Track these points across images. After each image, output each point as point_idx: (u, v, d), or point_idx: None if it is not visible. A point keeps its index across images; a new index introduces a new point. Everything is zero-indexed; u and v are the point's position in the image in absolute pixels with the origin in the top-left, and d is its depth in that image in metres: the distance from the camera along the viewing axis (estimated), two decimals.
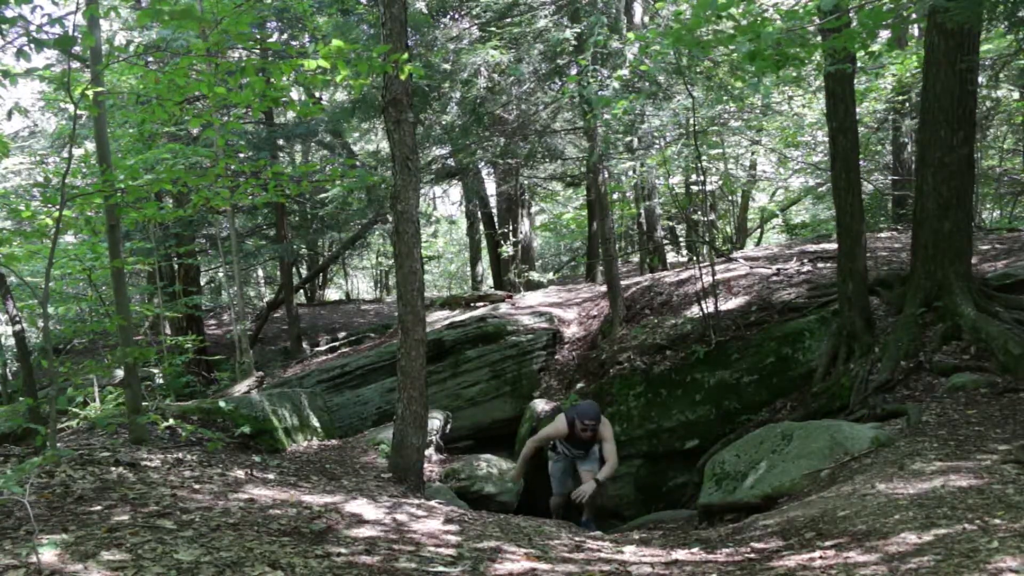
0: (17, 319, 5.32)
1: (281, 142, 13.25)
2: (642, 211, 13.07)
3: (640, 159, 11.32)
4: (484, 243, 17.76)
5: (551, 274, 18.31)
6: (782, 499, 4.59)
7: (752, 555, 3.29)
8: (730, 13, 4.30)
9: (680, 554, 3.55)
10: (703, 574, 3.06)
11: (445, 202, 24.65)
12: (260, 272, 20.16)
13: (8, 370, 10.87)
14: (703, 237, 11.74)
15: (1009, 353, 5.64)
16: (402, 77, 4.75)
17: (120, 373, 8.32)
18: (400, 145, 5.21)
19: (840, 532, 3.30)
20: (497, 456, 7.62)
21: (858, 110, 8.92)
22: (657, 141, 11.86)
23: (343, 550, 2.98)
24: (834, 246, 8.09)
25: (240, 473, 4.59)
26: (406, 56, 4.64)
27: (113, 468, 4.12)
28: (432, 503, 4.73)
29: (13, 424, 5.08)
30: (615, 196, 15.09)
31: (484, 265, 18.57)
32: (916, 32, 11.98)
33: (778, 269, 9.15)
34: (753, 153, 15.44)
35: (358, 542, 3.18)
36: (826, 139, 9.55)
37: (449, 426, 8.17)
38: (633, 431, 7.34)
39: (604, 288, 10.49)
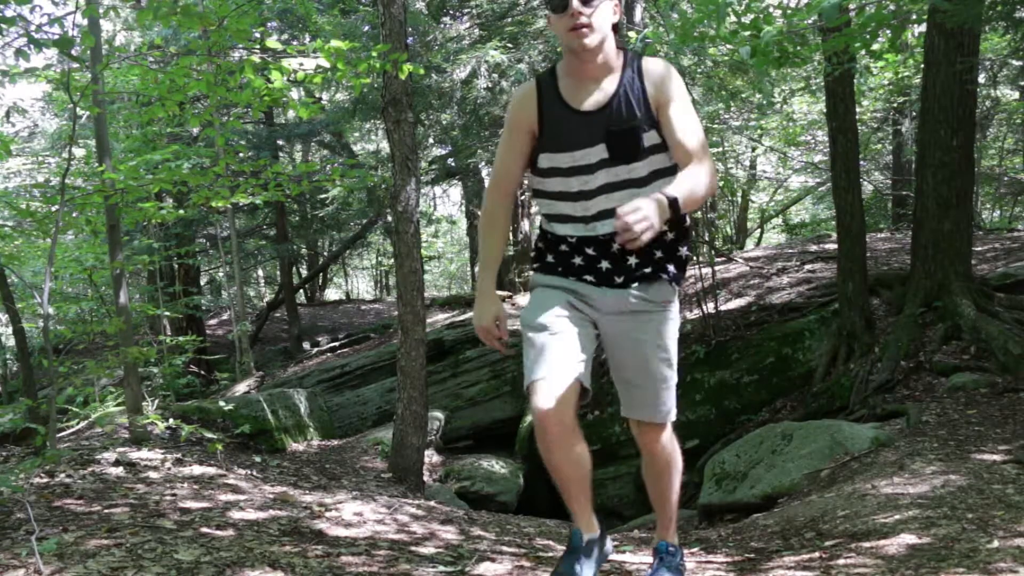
0: (17, 318, 5.32)
1: (281, 142, 13.26)
2: None
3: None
4: None
5: None
6: (782, 499, 4.58)
7: (752, 555, 3.29)
8: (733, 10, 4.31)
9: None
10: (703, 574, 3.06)
11: (445, 202, 24.62)
12: (260, 272, 20.16)
13: (8, 370, 10.87)
14: (703, 237, 11.73)
15: (1009, 353, 5.64)
16: (401, 76, 4.76)
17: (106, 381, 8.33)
18: (400, 145, 5.21)
19: (840, 532, 3.30)
20: (497, 456, 7.61)
21: (858, 110, 8.93)
22: None
23: (343, 550, 2.98)
24: (834, 246, 8.09)
25: (240, 473, 4.60)
26: (405, 56, 4.64)
27: (113, 468, 4.12)
28: (432, 503, 4.73)
29: (13, 424, 5.08)
30: None
31: None
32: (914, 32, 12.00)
33: (778, 269, 9.15)
34: (754, 150, 15.45)
35: (358, 542, 3.18)
36: (826, 139, 9.56)
37: (446, 425, 8.16)
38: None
39: None
